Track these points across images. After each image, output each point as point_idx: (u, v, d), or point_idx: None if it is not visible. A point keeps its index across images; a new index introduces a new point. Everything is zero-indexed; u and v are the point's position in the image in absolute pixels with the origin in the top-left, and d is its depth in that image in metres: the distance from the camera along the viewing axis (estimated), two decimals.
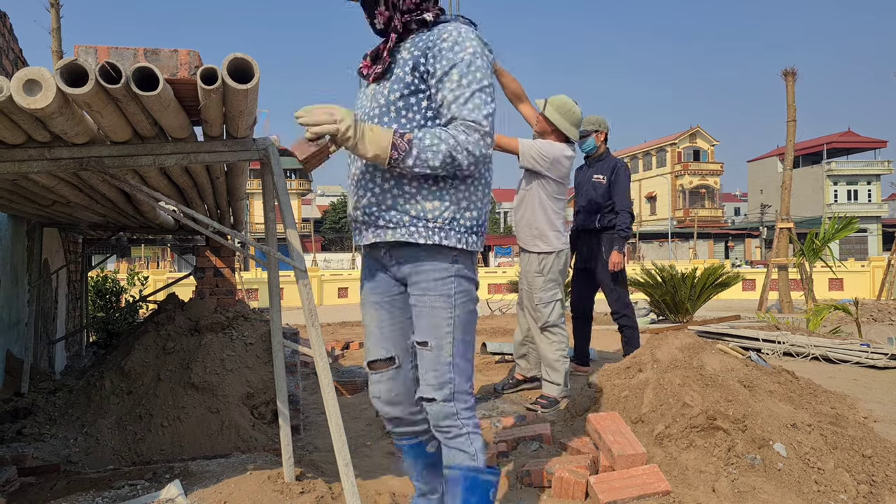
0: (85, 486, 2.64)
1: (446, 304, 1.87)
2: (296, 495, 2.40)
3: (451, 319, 1.87)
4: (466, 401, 1.89)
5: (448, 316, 1.87)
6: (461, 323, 1.88)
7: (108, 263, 19.27)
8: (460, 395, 1.88)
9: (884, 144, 48.60)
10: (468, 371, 1.91)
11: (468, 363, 1.91)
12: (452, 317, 1.87)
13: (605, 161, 4.84)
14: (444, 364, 1.87)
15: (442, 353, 1.87)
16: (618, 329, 4.91)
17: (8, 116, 1.75)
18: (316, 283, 17.81)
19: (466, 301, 1.90)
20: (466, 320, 1.90)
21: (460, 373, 1.88)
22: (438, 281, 1.86)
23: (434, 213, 1.82)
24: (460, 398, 1.88)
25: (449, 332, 1.87)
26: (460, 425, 1.87)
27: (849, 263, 18.91)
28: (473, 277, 1.92)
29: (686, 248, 44.88)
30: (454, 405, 1.87)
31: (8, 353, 4.30)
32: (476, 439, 1.88)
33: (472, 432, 1.88)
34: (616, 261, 4.65)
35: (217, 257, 4.79)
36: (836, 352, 5.32)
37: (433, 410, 1.88)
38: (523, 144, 4.04)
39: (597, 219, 4.78)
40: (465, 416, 1.88)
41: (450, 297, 1.87)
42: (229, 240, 4.36)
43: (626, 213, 4.68)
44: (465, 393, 1.89)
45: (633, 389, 3.11)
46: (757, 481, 2.47)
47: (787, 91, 11.47)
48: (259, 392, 3.65)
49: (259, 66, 1.74)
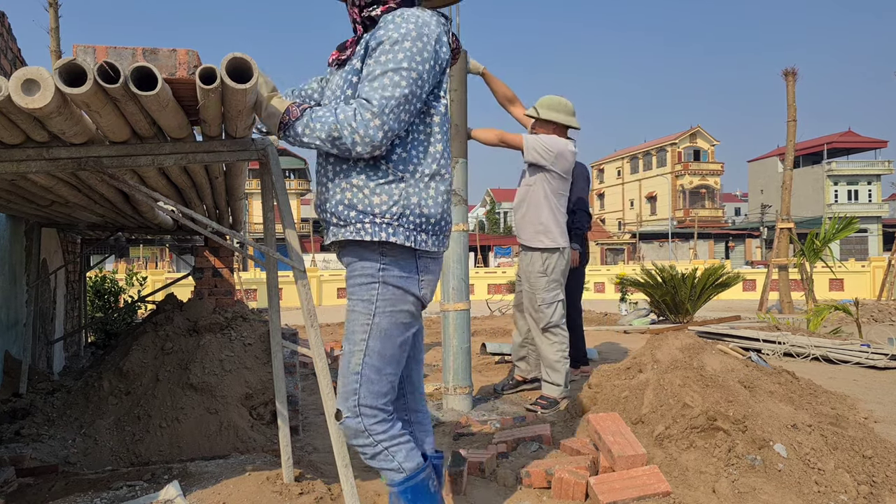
0: (83, 486, 2.64)
1: (365, 310, 1.76)
2: (295, 496, 2.39)
3: (367, 326, 1.76)
4: (375, 415, 1.76)
5: (365, 322, 1.76)
6: (379, 332, 1.76)
7: (106, 264, 19.28)
8: (367, 409, 1.76)
9: (884, 144, 48.62)
10: (380, 387, 1.77)
11: (382, 378, 1.77)
12: (370, 324, 1.76)
13: None
14: (351, 373, 1.76)
15: (351, 360, 1.77)
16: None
17: (6, 116, 1.74)
18: (315, 284, 17.81)
19: (393, 311, 1.76)
20: (389, 332, 1.77)
21: (367, 385, 1.75)
22: (362, 286, 1.77)
23: (381, 207, 1.73)
24: (367, 412, 1.75)
25: (363, 339, 1.76)
26: (373, 442, 1.76)
27: (849, 264, 18.91)
28: (405, 286, 1.77)
29: (686, 249, 44.91)
30: (360, 421, 1.75)
31: (6, 353, 4.29)
32: (396, 451, 1.78)
33: (391, 445, 1.78)
34: (573, 258, 4.66)
35: (216, 257, 4.78)
36: (836, 352, 5.32)
37: (342, 430, 1.79)
38: (527, 139, 4.06)
39: None
40: (376, 430, 1.76)
41: (371, 302, 1.76)
42: (228, 240, 4.36)
43: (582, 212, 4.75)
44: (371, 408, 1.76)
45: (634, 390, 3.11)
46: (757, 482, 2.46)
47: (787, 91, 11.47)
48: (258, 393, 3.65)
49: (258, 65, 1.73)
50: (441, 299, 4.15)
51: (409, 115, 1.69)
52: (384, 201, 1.73)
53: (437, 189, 1.78)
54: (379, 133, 1.65)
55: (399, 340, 1.79)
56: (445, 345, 4.10)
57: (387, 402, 1.79)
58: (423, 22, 1.71)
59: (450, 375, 4.07)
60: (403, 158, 1.76)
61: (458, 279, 4.04)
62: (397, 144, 1.76)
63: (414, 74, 1.67)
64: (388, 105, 1.64)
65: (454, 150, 4.03)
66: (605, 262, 42.88)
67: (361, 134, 1.64)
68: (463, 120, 4.07)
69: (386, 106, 1.64)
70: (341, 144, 1.67)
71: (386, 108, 1.64)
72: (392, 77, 1.65)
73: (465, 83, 4.06)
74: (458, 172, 4.05)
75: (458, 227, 4.01)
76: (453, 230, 3.97)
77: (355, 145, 1.66)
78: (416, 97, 1.69)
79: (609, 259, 44.70)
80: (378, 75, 1.66)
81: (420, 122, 1.78)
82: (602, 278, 20.24)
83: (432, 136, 1.80)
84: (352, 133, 1.65)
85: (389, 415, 1.80)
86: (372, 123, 1.64)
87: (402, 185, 1.74)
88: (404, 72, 1.65)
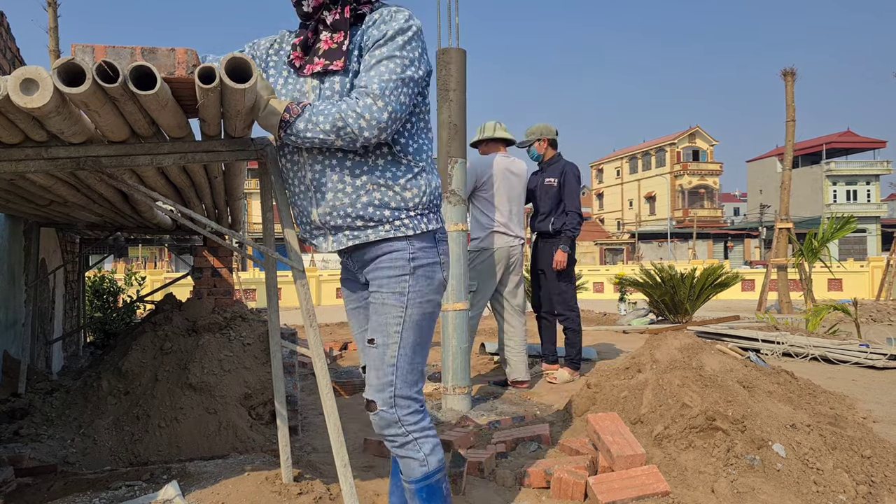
0: (82, 486, 2.64)
1: (398, 303, 1.79)
2: (294, 496, 2.39)
3: (400, 318, 1.79)
4: (409, 406, 1.80)
5: (398, 314, 1.79)
6: (412, 324, 1.80)
7: (105, 263, 19.25)
8: (401, 401, 1.79)
9: (883, 144, 48.64)
10: (413, 377, 1.81)
11: (414, 368, 1.82)
12: (403, 316, 1.79)
13: (555, 165, 5.02)
14: (387, 365, 1.79)
15: (386, 352, 1.79)
16: (562, 330, 5.03)
17: (5, 116, 1.74)
18: (314, 284, 17.80)
19: (422, 302, 1.81)
20: (420, 322, 1.81)
21: (402, 377, 1.79)
22: (392, 278, 1.80)
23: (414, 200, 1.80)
24: (402, 403, 1.79)
25: (397, 331, 1.79)
26: (405, 432, 1.79)
27: (848, 264, 18.92)
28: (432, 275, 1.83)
29: (685, 249, 44.95)
30: (395, 412, 1.78)
31: (5, 353, 4.29)
32: (424, 442, 1.81)
33: (420, 437, 1.81)
34: (559, 259, 4.78)
35: (215, 257, 4.78)
36: (835, 352, 5.33)
37: (375, 420, 1.81)
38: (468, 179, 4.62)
39: (550, 221, 4.93)
40: (409, 421, 1.80)
41: (403, 294, 1.80)
42: (227, 240, 4.35)
43: (574, 213, 4.83)
44: (406, 398, 1.80)
45: (633, 390, 3.11)
46: (756, 482, 2.46)
47: (786, 91, 11.48)
48: (257, 393, 3.65)
49: (257, 65, 1.74)
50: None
51: (409, 97, 1.74)
52: (415, 194, 1.80)
53: (437, 170, 1.93)
54: (384, 114, 1.68)
55: (429, 330, 1.85)
56: (444, 345, 4.10)
57: (419, 389, 1.83)
58: (409, 14, 1.79)
59: (449, 375, 4.07)
60: (416, 149, 1.83)
61: (458, 279, 4.04)
62: (408, 136, 1.82)
63: (405, 61, 1.72)
64: (387, 87, 1.69)
65: (454, 150, 4.04)
66: (604, 262, 42.90)
67: (367, 117, 1.68)
68: (462, 120, 4.07)
69: (386, 88, 1.69)
70: (347, 133, 1.69)
71: (386, 90, 1.69)
72: (387, 64, 1.71)
73: (464, 83, 4.06)
74: (458, 172, 4.05)
75: (458, 227, 4.01)
76: (453, 230, 3.98)
77: (362, 131, 1.68)
78: (413, 81, 1.74)
79: (608, 259, 44.72)
80: (374, 65, 1.72)
81: (419, 109, 1.85)
82: (601, 278, 20.25)
83: (427, 122, 1.90)
84: (357, 118, 1.67)
85: (421, 405, 1.84)
86: (375, 106, 1.68)
87: (425, 174, 1.83)
88: (397, 59, 1.71)
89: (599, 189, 63.79)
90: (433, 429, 1.86)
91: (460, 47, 4.04)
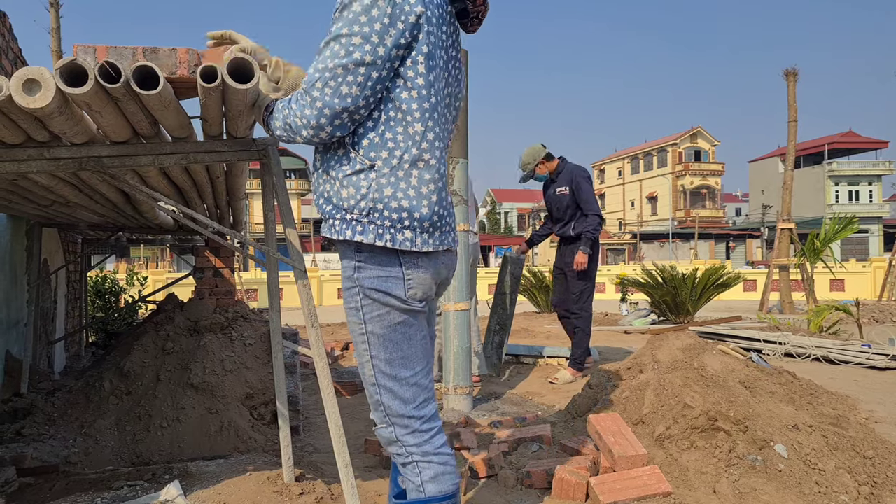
0: (84, 486, 2.64)
1: (356, 319, 1.60)
2: (295, 496, 2.39)
3: (363, 336, 1.60)
4: (408, 425, 1.62)
5: (361, 332, 1.61)
6: (379, 341, 1.59)
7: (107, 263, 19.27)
8: (397, 420, 1.62)
9: (885, 145, 48.60)
10: (405, 393, 1.61)
11: (400, 383, 1.61)
12: (365, 334, 1.60)
13: (563, 174, 5.14)
14: (369, 385, 1.64)
15: (365, 371, 1.64)
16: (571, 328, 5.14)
17: (7, 116, 1.74)
18: (316, 284, 17.81)
19: (381, 314, 1.57)
20: (387, 336, 1.58)
21: (389, 394, 1.61)
22: (347, 290, 1.61)
23: (349, 201, 1.53)
24: (398, 422, 1.62)
25: (366, 349, 1.61)
26: (405, 453, 1.63)
27: (850, 264, 18.89)
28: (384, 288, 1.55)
29: (687, 249, 44.90)
30: (392, 430, 1.63)
31: (7, 353, 4.29)
32: (425, 468, 1.62)
33: (422, 461, 1.63)
34: (580, 261, 4.87)
35: (216, 257, 4.78)
36: (837, 353, 5.32)
37: (378, 435, 1.68)
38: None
39: (571, 227, 5.06)
40: (408, 442, 1.63)
41: (358, 310, 1.59)
42: (229, 240, 4.36)
43: (593, 215, 4.94)
44: (403, 417, 1.62)
45: (634, 390, 3.11)
46: (758, 482, 2.46)
47: (788, 91, 11.46)
48: (258, 393, 3.65)
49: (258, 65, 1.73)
50: (441, 299, 4.15)
51: (358, 87, 1.44)
52: (351, 195, 1.52)
53: (421, 178, 1.52)
54: (311, 110, 1.46)
55: (403, 342, 1.60)
56: (446, 345, 4.10)
57: (417, 406, 1.63)
58: None
59: (450, 375, 4.07)
60: (376, 144, 1.51)
61: (459, 279, 4.04)
62: (369, 128, 1.52)
63: (356, 40, 1.42)
64: (321, 77, 1.44)
65: (454, 150, 4.00)
66: (605, 262, 42.87)
67: (299, 115, 1.48)
68: (463, 120, 4.07)
69: (319, 79, 1.44)
70: (294, 132, 1.52)
71: (318, 82, 1.44)
72: (332, 47, 1.44)
73: (466, 84, 4.06)
74: (459, 172, 4.04)
75: (460, 227, 4.01)
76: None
77: (299, 129, 1.49)
78: (363, 64, 1.43)
79: (610, 259, 44.70)
80: (320, 49, 1.47)
81: (393, 98, 1.50)
82: (603, 278, 20.22)
83: (409, 113, 1.51)
84: (292, 115, 1.50)
85: (424, 423, 1.64)
86: (303, 101, 1.47)
87: (373, 174, 1.50)
88: (343, 38, 1.43)
89: (601, 189, 63.75)
90: (442, 455, 1.65)
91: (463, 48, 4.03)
